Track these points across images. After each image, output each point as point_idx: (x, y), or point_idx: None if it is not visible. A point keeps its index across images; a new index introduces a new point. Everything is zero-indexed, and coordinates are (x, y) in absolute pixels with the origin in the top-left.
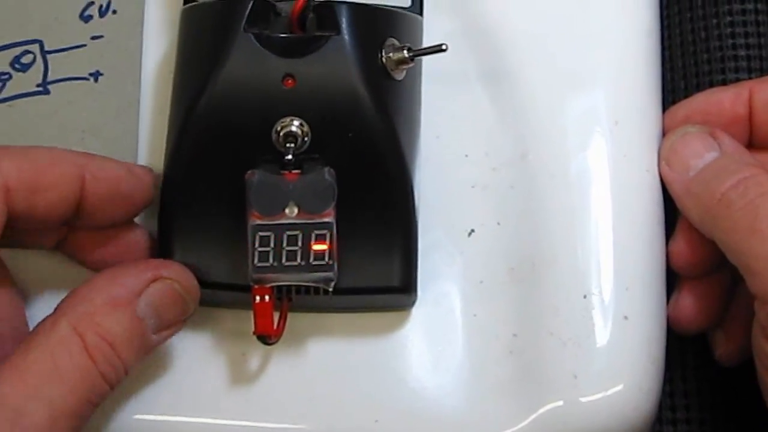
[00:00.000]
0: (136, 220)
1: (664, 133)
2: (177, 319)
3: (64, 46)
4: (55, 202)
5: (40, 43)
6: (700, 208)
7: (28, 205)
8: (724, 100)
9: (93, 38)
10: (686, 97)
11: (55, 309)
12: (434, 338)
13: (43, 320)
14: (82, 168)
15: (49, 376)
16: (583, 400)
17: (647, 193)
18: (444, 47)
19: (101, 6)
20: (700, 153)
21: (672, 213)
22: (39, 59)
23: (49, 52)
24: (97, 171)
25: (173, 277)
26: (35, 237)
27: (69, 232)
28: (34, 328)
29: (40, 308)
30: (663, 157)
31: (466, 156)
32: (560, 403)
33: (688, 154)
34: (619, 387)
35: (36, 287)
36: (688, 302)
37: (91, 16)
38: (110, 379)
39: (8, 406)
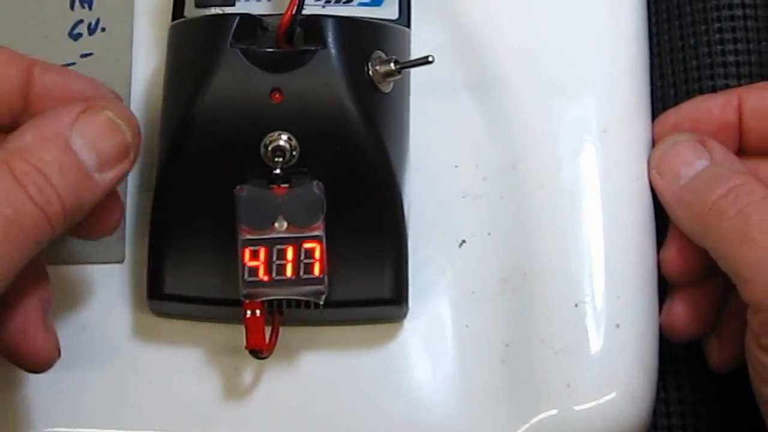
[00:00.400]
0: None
1: (654, 141)
2: (117, 151)
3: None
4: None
5: None
6: (691, 216)
7: None
8: (713, 107)
9: (82, 56)
10: (676, 104)
11: None
12: (426, 350)
13: None
14: (29, 60)
15: None
16: (577, 408)
17: (637, 200)
18: (431, 59)
19: (90, 24)
20: (691, 161)
21: (662, 220)
22: None
23: None
24: (45, 65)
25: (105, 106)
26: None
27: None
28: None
29: None
30: (653, 166)
31: (456, 167)
32: (554, 411)
33: (678, 163)
34: (612, 395)
35: None
36: (680, 310)
37: (80, 34)
38: (44, 207)
39: None
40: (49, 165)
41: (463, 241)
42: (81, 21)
